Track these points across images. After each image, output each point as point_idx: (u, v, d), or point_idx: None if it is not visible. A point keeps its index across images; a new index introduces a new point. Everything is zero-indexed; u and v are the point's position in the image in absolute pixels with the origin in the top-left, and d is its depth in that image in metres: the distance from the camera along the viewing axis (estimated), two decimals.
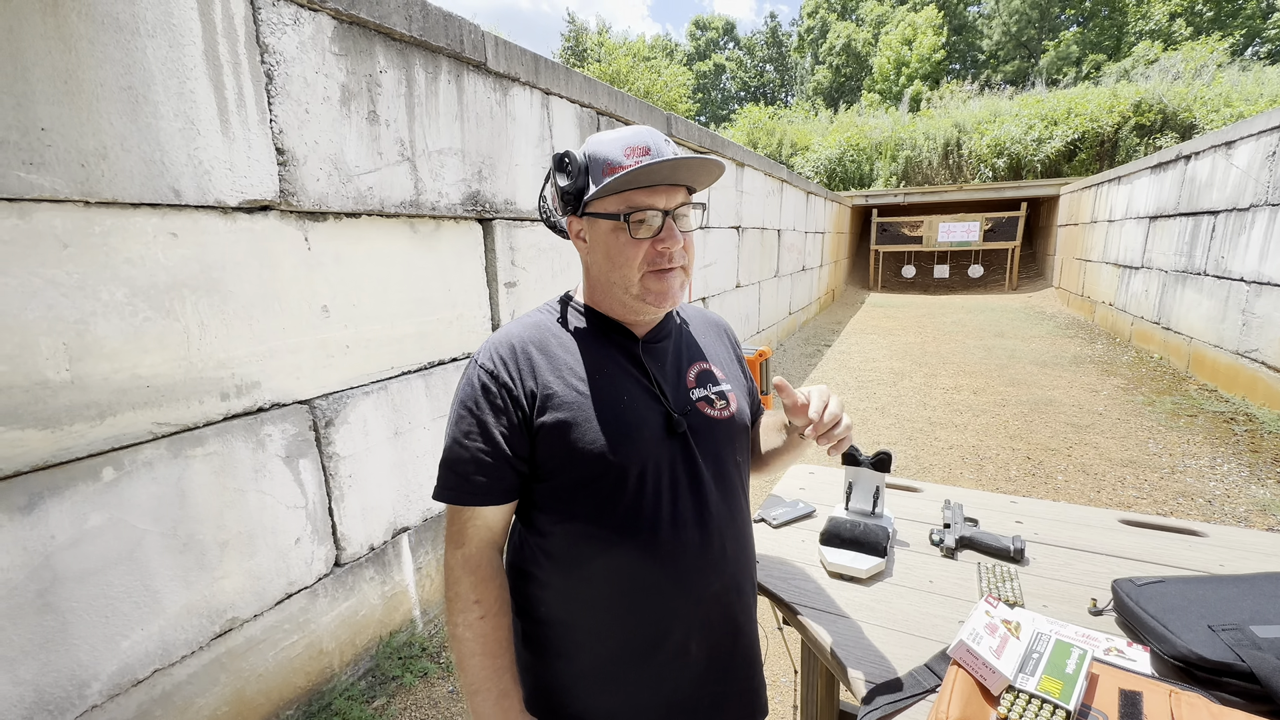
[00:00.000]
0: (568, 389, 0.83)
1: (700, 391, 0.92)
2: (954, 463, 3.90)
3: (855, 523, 1.19)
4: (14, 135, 1.23)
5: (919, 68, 28.50)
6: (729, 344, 1.08)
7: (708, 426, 0.89)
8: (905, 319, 9.98)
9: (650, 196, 0.81)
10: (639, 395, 0.86)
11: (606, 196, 0.82)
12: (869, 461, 1.26)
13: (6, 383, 1.26)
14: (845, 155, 16.34)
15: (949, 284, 13.72)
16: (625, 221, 0.81)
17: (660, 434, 0.85)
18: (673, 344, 0.95)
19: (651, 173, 0.78)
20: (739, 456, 0.94)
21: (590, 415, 0.82)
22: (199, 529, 1.60)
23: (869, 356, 7.17)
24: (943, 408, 5.05)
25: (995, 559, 1.17)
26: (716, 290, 5.43)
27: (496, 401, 0.82)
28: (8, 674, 1.27)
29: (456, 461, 0.83)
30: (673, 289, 0.86)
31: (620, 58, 20.04)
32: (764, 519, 1.36)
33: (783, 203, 7.53)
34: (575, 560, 0.85)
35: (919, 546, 1.24)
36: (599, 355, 0.87)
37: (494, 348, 0.86)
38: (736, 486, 0.93)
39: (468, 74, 2.36)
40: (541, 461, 0.84)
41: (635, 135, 0.82)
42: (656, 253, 0.82)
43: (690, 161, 0.79)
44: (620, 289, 0.86)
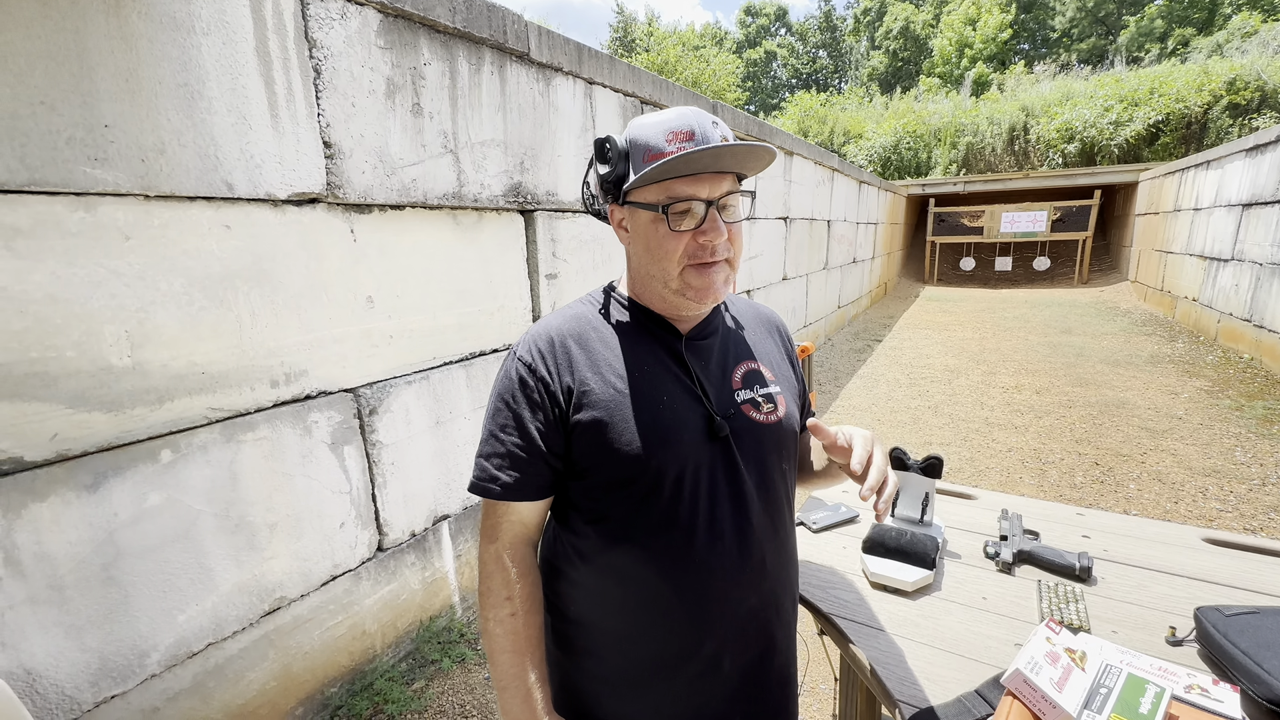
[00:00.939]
0: (605, 386, 0.80)
1: (746, 393, 0.87)
2: (1012, 466, 3.69)
3: (901, 531, 1.12)
4: (80, 132, 1.29)
5: (983, 49, 27.02)
6: (781, 342, 1.02)
7: (752, 431, 0.85)
8: (962, 314, 9.53)
9: (692, 185, 0.76)
10: (680, 395, 0.82)
11: (646, 185, 0.78)
12: (918, 466, 1.18)
13: (74, 368, 1.33)
14: (901, 143, 15.70)
15: (1011, 277, 13.02)
16: (664, 213, 0.77)
17: (701, 437, 0.81)
18: (719, 341, 0.90)
19: (692, 161, 0.73)
20: (785, 465, 0.89)
21: (627, 414, 0.79)
22: (249, 511, 1.66)
23: (922, 352, 6.88)
24: (1002, 407, 4.79)
25: (1058, 577, 1.08)
26: (762, 283, 5.31)
27: (534, 396, 0.80)
28: (76, 641, 1.36)
29: (492, 455, 0.82)
30: (715, 284, 0.81)
31: (669, 47, 19.84)
32: (803, 522, 1.30)
33: (833, 192, 7.29)
34: (607, 562, 0.83)
35: (972, 559, 1.15)
36: (640, 351, 0.84)
37: (533, 340, 0.84)
38: (781, 497, 0.88)
39: (511, 65, 2.35)
40: (577, 459, 0.82)
41: (679, 118, 0.77)
42: (698, 245, 0.78)
43: (736, 149, 0.74)
44: (660, 282, 0.82)
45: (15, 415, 1.25)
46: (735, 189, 0.80)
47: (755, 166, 0.80)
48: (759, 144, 0.76)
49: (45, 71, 1.23)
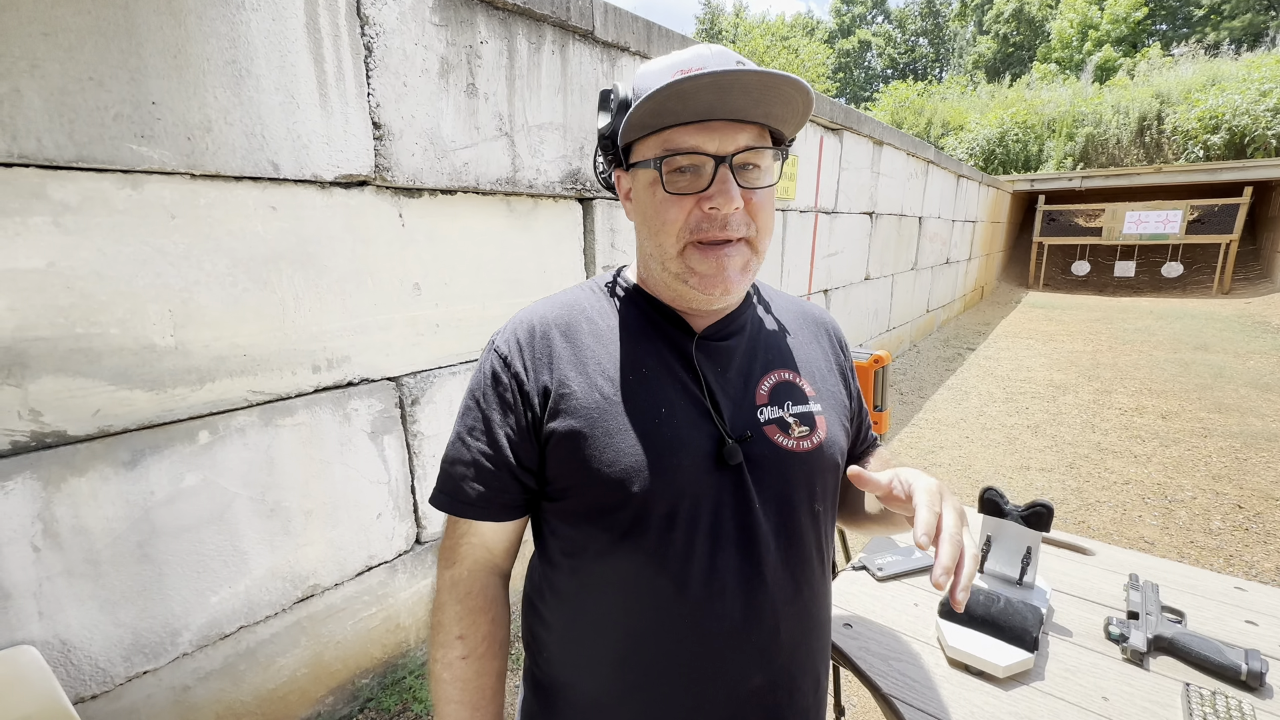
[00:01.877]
0: (589, 388, 0.65)
1: (773, 411, 0.69)
2: (1129, 501, 3.19)
3: (993, 595, 0.89)
4: (128, 109, 1.28)
5: (1111, 30, 24.34)
6: (831, 348, 0.82)
7: (776, 460, 0.67)
8: (1072, 323, 8.57)
9: (697, 134, 0.59)
10: (684, 408, 0.66)
11: (643, 137, 0.62)
12: (1018, 513, 0.94)
13: (118, 345, 1.33)
14: (1008, 134, 14.42)
15: (1134, 284, 11.62)
16: (658, 168, 0.60)
17: (705, 463, 0.64)
18: (744, 343, 0.72)
19: (687, 95, 0.55)
20: (818, 504, 0.70)
21: (612, 426, 0.63)
22: (285, 496, 1.64)
23: (1022, 364, 6.21)
24: (1118, 432, 4.20)
25: (1214, 679, 0.81)
26: (841, 282, 4.95)
27: (505, 395, 0.67)
28: (110, 615, 1.37)
29: (456, 461, 0.69)
30: (727, 270, 0.63)
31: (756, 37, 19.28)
32: (865, 566, 1.09)
33: (927, 186, 6.72)
34: (582, 607, 0.67)
35: (1087, 639, 0.90)
36: (640, 350, 0.68)
37: (513, 329, 0.70)
38: (808, 545, 0.69)
39: (573, 43, 2.23)
40: (551, 477, 0.67)
41: (693, 55, 0.60)
42: (703, 215, 0.61)
43: (745, 77, 0.54)
44: (658, 264, 0.66)
45: (60, 389, 1.26)
46: (759, 144, 0.62)
47: (783, 110, 0.61)
48: (783, 74, 0.56)
49: (95, 47, 1.22)
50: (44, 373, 1.24)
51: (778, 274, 3.95)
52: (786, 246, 4.01)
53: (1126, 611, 0.93)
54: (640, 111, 0.57)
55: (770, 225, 0.66)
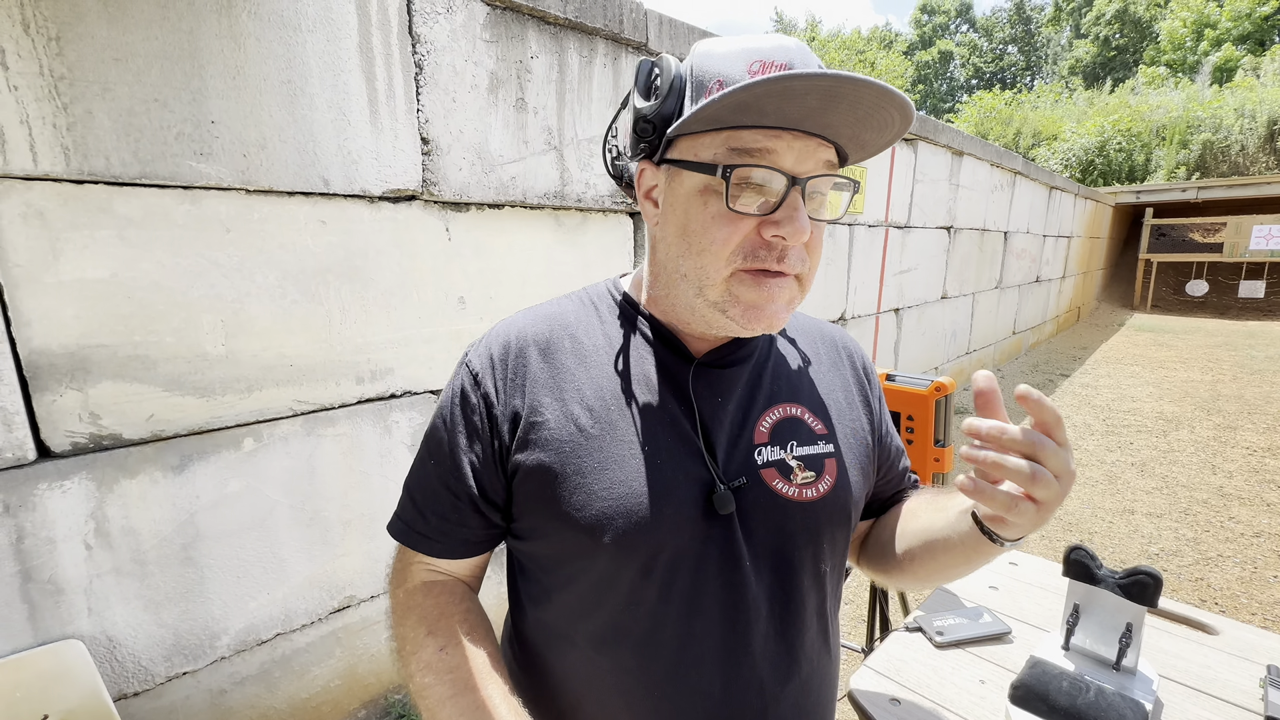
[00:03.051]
0: (563, 418, 0.57)
1: (773, 452, 0.59)
2: (1262, 558, 2.74)
3: (1081, 684, 0.72)
4: (189, 128, 1.34)
5: (1232, 28, 22.11)
6: (854, 376, 0.71)
7: (773, 510, 0.57)
8: (1187, 349, 7.68)
9: (769, 141, 0.49)
10: (671, 446, 0.57)
11: (702, 131, 0.51)
12: (1115, 580, 0.77)
13: (173, 353, 1.38)
14: (1109, 143, 13.32)
15: (1264, 306, 10.32)
16: (724, 177, 0.49)
17: (692, 511, 0.55)
18: (748, 371, 0.63)
19: (789, 95, 0.45)
20: (824, 563, 0.60)
21: (586, 464, 0.55)
22: (325, 506, 1.66)
23: (1125, 394, 5.59)
24: (1244, 474, 3.65)
25: None
26: (915, 301, 4.65)
27: (473, 418, 0.59)
28: (154, 616, 1.41)
29: (416, 487, 0.63)
30: (775, 304, 0.54)
31: (831, 51, 18.91)
32: (922, 628, 0.94)
33: (1014, 199, 6.25)
34: (544, 661, 0.60)
35: None
36: (628, 375, 0.59)
37: (487, 342, 0.63)
38: (808, 612, 0.58)
39: (626, 56, 2.20)
40: (517, 514, 0.59)
41: (775, 46, 0.50)
42: (761, 242, 0.51)
43: (864, 89, 0.45)
44: (692, 287, 0.55)
45: (118, 394, 1.32)
46: (833, 171, 0.52)
47: (875, 138, 0.51)
48: (900, 94, 0.46)
49: (160, 70, 1.29)
50: (104, 378, 1.30)
51: (843, 292, 3.75)
52: (853, 263, 3.80)
53: (1266, 716, 0.73)
54: (724, 103, 0.46)
55: (818, 264, 0.57)
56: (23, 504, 1.23)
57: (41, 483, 1.24)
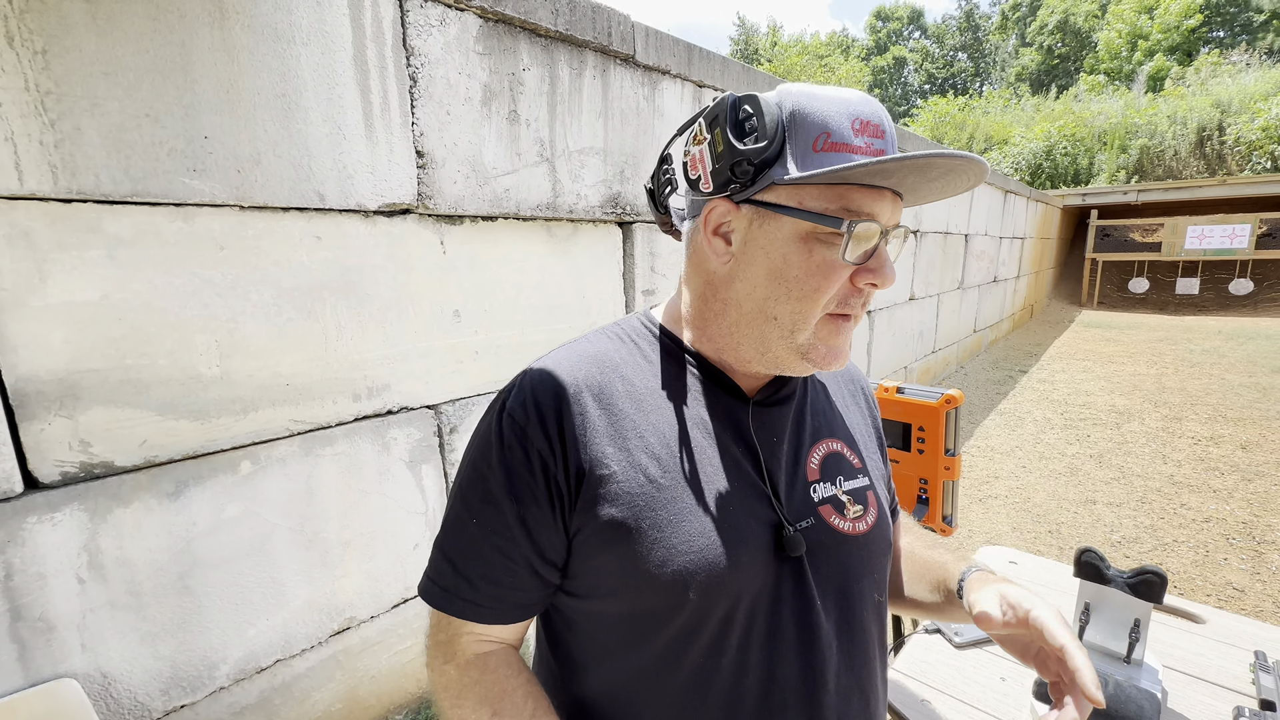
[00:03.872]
0: (632, 470, 0.55)
1: (827, 488, 0.61)
2: (1212, 542, 2.93)
3: (1101, 676, 0.77)
4: (181, 144, 1.30)
5: (1163, 39, 23.48)
6: (868, 410, 0.74)
7: (835, 546, 0.59)
8: (1132, 344, 8.12)
9: (876, 201, 0.52)
10: (740, 491, 0.56)
11: (812, 185, 0.51)
12: (1124, 580, 0.83)
13: (166, 375, 1.34)
14: (1055, 148, 13.96)
15: (1198, 302, 10.99)
16: (848, 231, 0.51)
17: (766, 555, 0.55)
18: (793, 409, 0.64)
19: (926, 168, 0.49)
20: (879, 595, 0.62)
21: (662, 517, 0.53)
22: (324, 527, 1.62)
23: (1080, 389, 5.88)
24: (1193, 463, 3.90)
25: None
26: (885, 303, 4.80)
27: (524, 474, 0.55)
28: (150, 649, 1.36)
29: (457, 549, 0.58)
30: (847, 345, 0.58)
31: (792, 56, 19.29)
32: (940, 630, 0.99)
33: (973, 203, 6.51)
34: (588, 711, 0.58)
35: None
36: (686, 419, 0.58)
37: (531, 389, 0.57)
38: (872, 643, 0.61)
39: (614, 68, 2.22)
40: (578, 573, 0.57)
41: (865, 103, 0.52)
42: (853, 289, 0.54)
43: (965, 165, 0.50)
44: (780, 331, 0.55)
45: (109, 420, 1.27)
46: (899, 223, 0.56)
47: (942, 193, 0.56)
48: (983, 161, 0.50)
49: (152, 85, 1.25)
50: (94, 404, 1.25)
51: None
52: None
53: (1259, 700, 0.80)
54: (866, 170, 0.48)
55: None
56: (10, 539, 1.17)
57: (30, 516, 1.19)
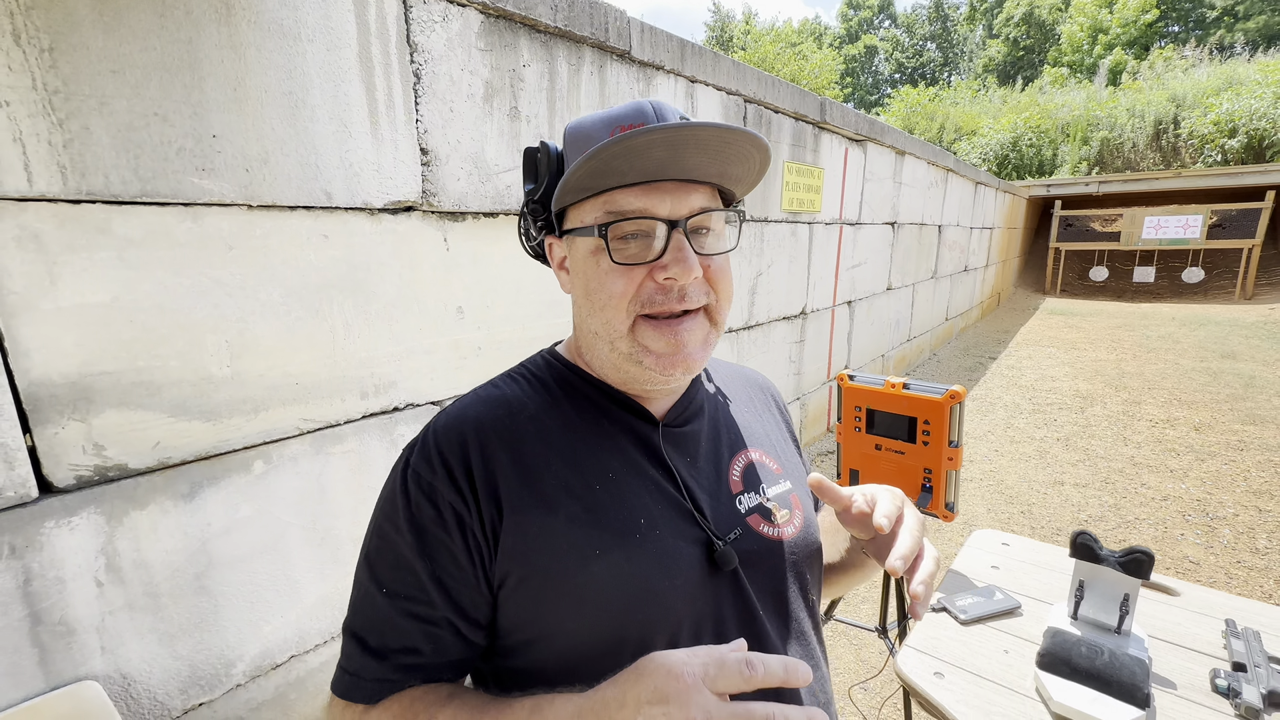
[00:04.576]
0: (548, 514, 0.53)
1: (751, 498, 0.62)
2: (1170, 519, 3.13)
3: (1096, 647, 0.86)
4: (190, 143, 1.28)
5: (1122, 33, 24.20)
6: (780, 416, 0.76)
7: (766, 553, 0.60)
8: (1093, 330, 8.47)
9: (645, 197, 0.53)
10: (663, 514, 0.57)
11: (581, 200, 0.54)
12: (1116, 559, 0.91)
13: (177, 377, 1.33)
14: (1021, 139, 14.35)
15: (1153, 290, 11.49)
16: (603, 235, 0.53)
17: (699, 574, 0.55)
18: (707, 425, 0.65)
19: (634, 152, 0.48)
20: (813, 594, 0.64)
21: (587, 555, 0.53)
22: (335, 524, 1.64)
23: (1046, 374, 6.14)
24: (1151, 445, 4.13)
25: None
26: (865, 293, 4.92)
27: (437, 531, 0.53)
28: (169, 649, 1.36)
29: (366, 628, 0.55)
30: (686, 346, 0.56)
31: (766, 44, 19.33)
32: (947, 608, 1.06)
33: (946, 195, 6.68)
34: None
35: (1191, 692, 0.87)
36: (600, 449, 0.58)
37: (435, 441, 0.56)
38: (810, 639, 0.62)
39: (611, 64, 2.23)
40: (509, 628, 0.55)
41: (633, 110, 0.54)
42: (656, 286, 0.54)
43: (703, 132, 0.48)
44: (604, 344, 0.57)
45: (122, 423, 1.26)
46: (713, 205, 0.56)
47: (740, 171, 0.55)
48: (743, 130, 0.50)
49: (159, 83, 1.23)
50: (107, 406, 1.24)
51: (804, 287, 3.93)
52: (813, 259, 3.98)
53: (1231, 663, 0.90)
54: (581, 171, 0.50)
55: (730, 292, 0.60)
56: (29, 544, 1.16)
57: (48, 521, 1.18)
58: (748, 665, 0.40)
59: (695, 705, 0.39)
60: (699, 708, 0.39)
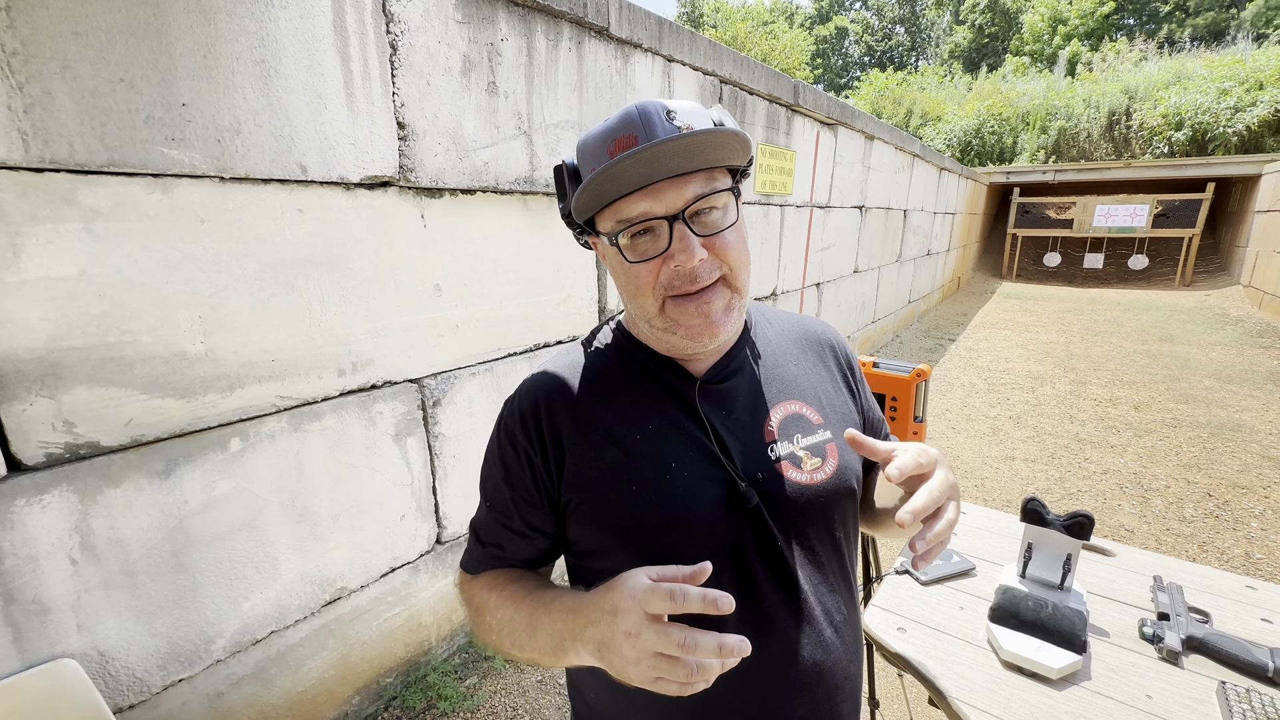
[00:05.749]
0: (598, 456, 0.67)
1: (785, 446, 0.69)
2: (1109, 491, 3.35)
3: (1041, 601, 0.95)
4: (159, 111, 1.24)
5: (1080, 25, 24.81)
6: (836, 366, 0.80)
7: (792, 496, 0.67)
8: (1045, 314, 8.86)
9: (644, 200, 0.60)
10: (693, 459, 0.67)
11: (596, 212, 0.64)
12: (1060, 522, 1.00)
13: (150, 353, 1.30)
14: (984, 126, 14.67)
15: (1102, 276, 12.02)
16: (614, 244, 0.63)
17: (719, 510, 0.65)
18: (746, 381, 0.73)
19: (617, 176, 0.58)
20: (839, 533, 0.72)
21: (626, 491, 0.65)
22: (314, 501, 1.64)
23: (1001, 355, 6.41)
24: (1094, 423, 4.38)
25: (1244, 676, 0.89)
26: (833, 275, 5.03)
27: (514, 468, 0.71)
28: (146, 626, 1.36)
29: (479, 528, 0.76)
30: (711, 316, 0.64)
31: (737, 22, 19.18)
32: (909, 571, 1.15)
33: (912, 180, 6.83)
34: None
35: (1123, 639, 0.97)
36: (644, 405, 0.70)
37: (520, 398, 0.73)
38: (834, 575, 0.71)
39: (589, 40, 2.21)
40: (573, 540, 0.72)
41: (622, 122, 0.61)
42: (671, 272, 0.63)
43: (667, 146, 0.56)
44: (644, 321, 0.68)
45: (93, 400, 1.24)
46: (708, 189, 0.61)
47: (723, 155, 0.61)
48: (707, 131, 0.57)
49: (126, 47, 1.18)
50: (77, 383, 1.22)
51: (775, 269, 4.00)
52: (784, 241, 4.05)
53: (1156, 613, 1.00)
54: (583, 197, 0.60)
55: (743, 260, 0.66)
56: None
57: (18, 499, 1.16)
58: (670, 597, 0.50)
59: (632, 621, 0.51)
60: (634, 623, 0.51)
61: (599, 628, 0.54)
